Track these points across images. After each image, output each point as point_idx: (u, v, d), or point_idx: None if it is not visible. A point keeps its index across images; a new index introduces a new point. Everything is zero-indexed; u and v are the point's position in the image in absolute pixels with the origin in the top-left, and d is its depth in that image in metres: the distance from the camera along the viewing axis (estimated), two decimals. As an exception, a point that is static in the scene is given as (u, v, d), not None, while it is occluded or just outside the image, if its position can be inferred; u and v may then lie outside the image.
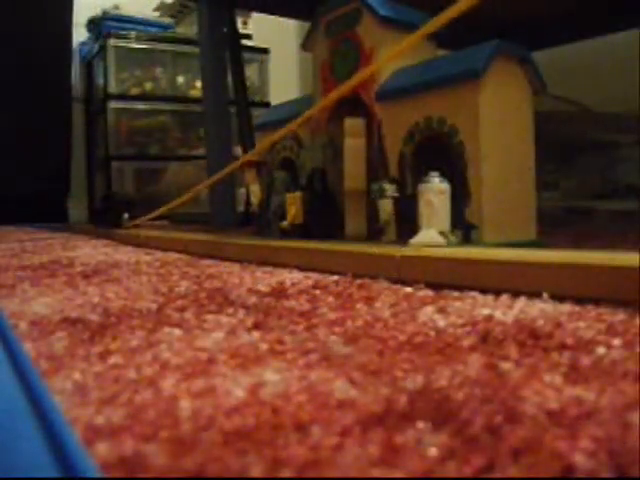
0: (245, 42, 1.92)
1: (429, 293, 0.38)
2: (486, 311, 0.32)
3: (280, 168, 0.81)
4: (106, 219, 1.18)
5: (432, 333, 0.28)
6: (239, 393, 0.20)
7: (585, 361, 0.22)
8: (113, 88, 1.96)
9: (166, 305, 0.37)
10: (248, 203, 0.92)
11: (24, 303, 0.40)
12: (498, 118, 0.56)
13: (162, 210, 1.02)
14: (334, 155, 0.72)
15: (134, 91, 2.00)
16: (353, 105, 0.68)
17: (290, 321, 0.32)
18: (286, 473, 0.14)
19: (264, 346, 0.26)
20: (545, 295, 0.34)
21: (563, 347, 0.24)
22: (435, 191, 0.52)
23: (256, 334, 0.29)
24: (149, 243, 0.85)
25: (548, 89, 0.61)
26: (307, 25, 0.77)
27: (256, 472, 0.15)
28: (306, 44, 0.76)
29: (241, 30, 1.89)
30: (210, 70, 1.15)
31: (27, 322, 0.33)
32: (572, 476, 0.14)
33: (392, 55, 0.57)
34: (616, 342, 0.24)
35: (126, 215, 1.12)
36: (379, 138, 0.65)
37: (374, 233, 0.62)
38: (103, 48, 1.97)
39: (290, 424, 0.17)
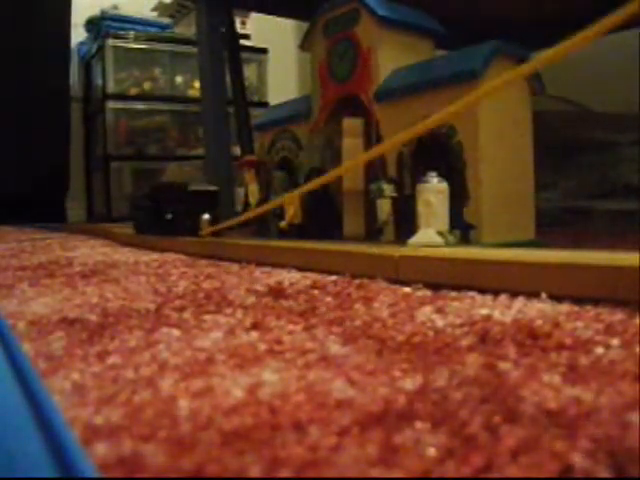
0: (244, 42, 1.91)
1: (427, 293, 0.38)
2: (484, 311, 0.32)
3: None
4: (172, 222, 0.79)
5: (430, 333, 0.28)
6: (238, 393, 0.20)
7: (583, 361, 0.22)
8: (111, 88, 1.96)
9: (164, 305, 0.37)
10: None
11: (23, 303, 0.40)
12: (497, 118, 0.56)
13: (248, 215, 0.68)
14: (332, 155, 0.72)
15: (133, 91, 2.00)
16: (351, 105, 0.68)
17: (288, 321, 0.32)
18: (284, 473, 0.14)
19: (262, 346, 0.26)
20: (543, 295, 0.34)
21: (561, 347, 0.24)
22: (433, 191, 0.52)
23: (254, 334, 0.29)
24: (147, 243, 0.85)
25: (547, 89, 0.61)
26: (305, 25, 0.77)
27: (255, 472, 0.15)
28: (304, 44, 0.76)
29: (240, 30, 1.88)
30: (209, 70, 1.15)
31: (26, 322, 0.33)
32: (571, 476, 0.14)
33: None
34: (614, 342, 0.24)
35: (206, 216, 0.74)
36: (377, 138, 0.65)
37: (372, 233, 0.62)
38: (101, 48, 1.96)
39: (288, 424, 0.17)
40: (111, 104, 1.96)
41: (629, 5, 0.28)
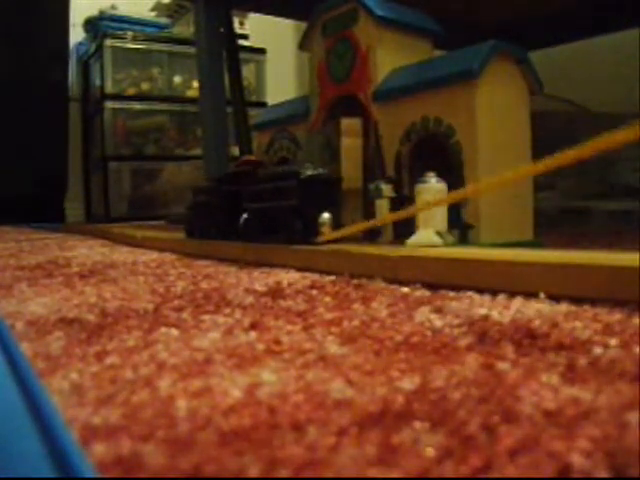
0: (242, 42, 1.92)
1: (426, 293, 0.38)
2: (483, 311, 0.32)
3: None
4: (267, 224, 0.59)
5: (429, 333, 0.28)
6: (236, 393, 0.20)
7: (582, 361, 0.22)
8: (110, 88, 1.96)
9: (163, 305, 0.37)
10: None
11: (21, 303, 0.39)
12: (495, 118, 0.56)
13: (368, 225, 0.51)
14: (331, 155, 0.72)
15: (131, 91, 2.00)
16: (350, 105, 0.68)
17: (287, 321, 0.32)
18: (283, 473, 0.14)
19: (261, 346, 0.26)
20: (542, 295, 0.34)
21: (560, 347, 0.24)
22: (432, 191, 0.52)
23: (253, 334, 0.29)
24: (145, 244, 0.85)
25: (545, 89, 0.61)
26: (304, 25, 0.77)
27: (253, 472, 0.15)
28: (303, 44, 0.76)
29: (238, 30, 1.88)
30: (207, 70, 1.14)
31: (24, 322, 0.33)
32: (569, 476, 0.14)
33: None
34: (613, 342, 0.24)
35: (327, 216, 0.55)
36: (376, 138, 0.65)
37: (371, 233, 0.62)
38: (100, 48, 1.96)
39: (287, 424, 0.17)
40: (109, 104, 1.96)
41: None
